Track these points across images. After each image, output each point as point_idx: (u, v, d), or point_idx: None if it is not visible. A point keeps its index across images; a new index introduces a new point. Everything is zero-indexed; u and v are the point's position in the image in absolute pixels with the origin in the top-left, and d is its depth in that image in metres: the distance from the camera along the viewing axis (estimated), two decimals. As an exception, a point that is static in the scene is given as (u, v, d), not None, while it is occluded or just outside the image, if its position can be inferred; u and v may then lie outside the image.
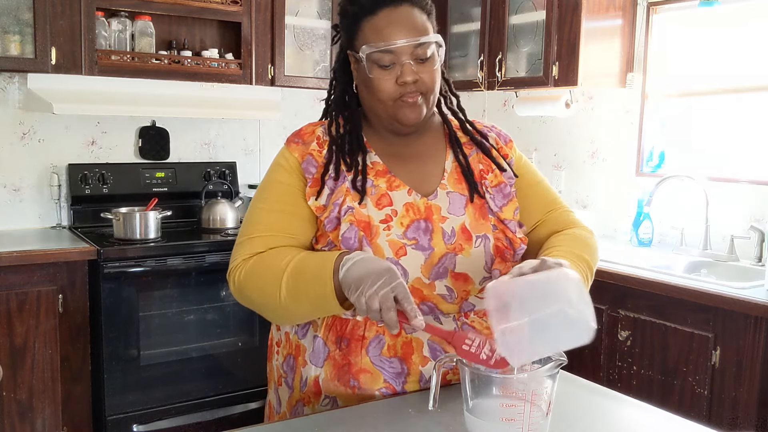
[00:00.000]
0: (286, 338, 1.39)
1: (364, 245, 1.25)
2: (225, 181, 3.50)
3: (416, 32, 1.27)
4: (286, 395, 1.38)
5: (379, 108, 1.31)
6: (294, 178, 1.32)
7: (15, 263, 2.60)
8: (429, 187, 1.34)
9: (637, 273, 2.54)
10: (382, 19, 1.27)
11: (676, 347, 2.38)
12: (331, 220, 1.28)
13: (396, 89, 1.27)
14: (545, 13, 3.14)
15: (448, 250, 1.29)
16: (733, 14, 2.88)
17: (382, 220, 1.28)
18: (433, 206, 1.32)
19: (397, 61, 1.27)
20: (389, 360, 1.28)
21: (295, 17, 3.45)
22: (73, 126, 3.25)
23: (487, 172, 1.38)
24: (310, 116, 3.80)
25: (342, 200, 1.28)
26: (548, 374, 1.05)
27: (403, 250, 1.27)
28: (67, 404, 2.77)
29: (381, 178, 1.32)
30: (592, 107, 3.41)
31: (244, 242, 1.31)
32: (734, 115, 2.92)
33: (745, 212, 2.81)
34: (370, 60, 1.27)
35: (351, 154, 1.32)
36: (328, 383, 1.30)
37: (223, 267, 2.95)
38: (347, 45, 1.35)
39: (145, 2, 3.05)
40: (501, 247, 1.33)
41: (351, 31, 1.32)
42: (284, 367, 1.38)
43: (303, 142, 1.35)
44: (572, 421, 1.18)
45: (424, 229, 1.29)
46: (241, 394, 3.07)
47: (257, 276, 1.26)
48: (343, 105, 1.38)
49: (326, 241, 1.29)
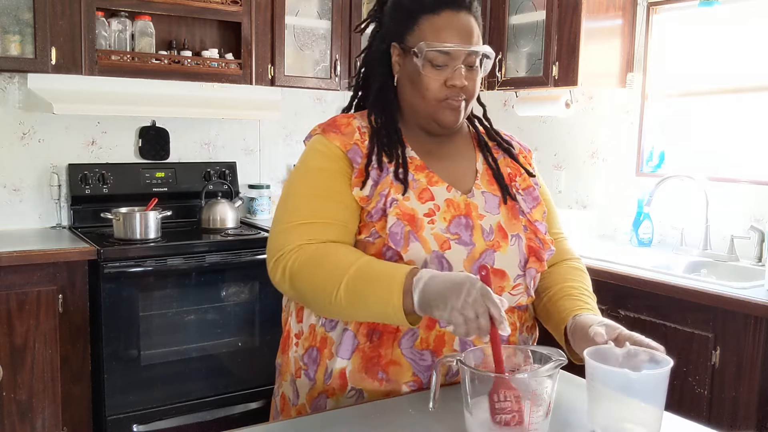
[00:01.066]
0: (310, 330, 1.38)
1: (411, 239, 1.27)
2: (225, 181, 3.50)
3: (472, 40, 1.32)
4: (306, 387, 1.37)
5: (420, 106, 1.34)
6: (338, 165, 1.32)
7: (15, 263, 2.60)
8: (465, 185, 1.38)
9: (637, 273, 2.54)
10: (444, 19, 1.30)
11: (676, 347, 2.38)
12: (377, 211, 1.29)
13: (443, 90, 1.31)
14: (545, 13, 3.14)
15: (488, 246, 1.32)
16: (733, 14, 2.89)
17: (425, 213, 1.30)
18: (471, 204, 1.35)
19: (450, 63, 1.30)
20: (420, 353, 1.29)
21: (295, 17, 3.45)
22: (73, 126, 3.25)
23: (515, 175, 1.44)
24: (310, 116, 3.80)
25: (387, 192, 1.30)
26: (548, 374, 1.05)
27: (447, 244, 1.29)
28: (67, 404, 2.77)
29: (420, 173, 1.35)
30: (592, 107, 3.41)
31: (296, 227, 1.29)
32: (734, 115, 2.91)
33: (745, 212, 2.81)
34: (426, 57, 1.30)
35: (391, 146, 1.34)
36: (355, 375, 1.30)
37: (224, 267, 3.01)
38: (395, 37, 1.36)
39: (145, 2, 3.05)
40: (534, 247, 1.37)
41: (406, 24, 1.33)
42: (305, 359, 1.37)
43: (341, 132, 1.36)
44: (572, 421, 1.18)
45: (465, 225, 1.32)
46: (241, 394, 3.07)
47: (316, 268, 1.24)
48: (381, 98, 1.39)
49: (370, 232, 1.30)
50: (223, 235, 3.15)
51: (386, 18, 1.39)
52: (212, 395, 3.01)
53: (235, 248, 3.04)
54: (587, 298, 1.40)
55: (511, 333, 1.34)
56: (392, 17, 1.37)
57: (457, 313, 1.10)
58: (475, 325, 1.10)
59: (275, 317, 3.13)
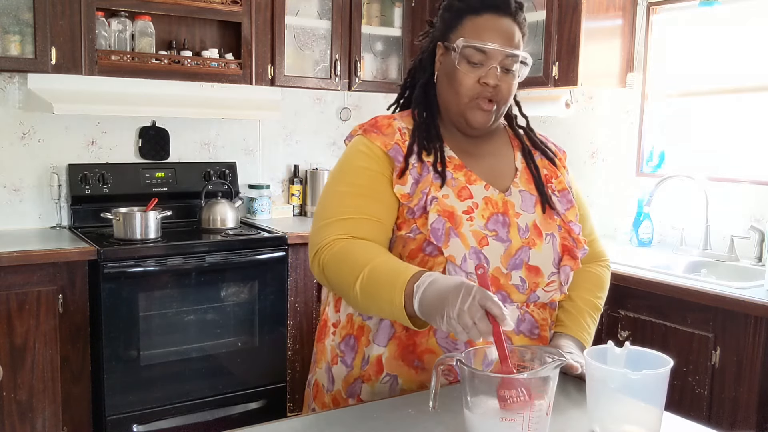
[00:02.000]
0: (347, 319, 1.42)
1: (451, 235, 1.30)
2: (225, 181, 3.50)
3: (511, 44, 1.36)
4: (342, 373, 1.41)
5: (452, 102, 1.38)
6: (379, 165, 1.36)
7: (15, 263, 2.60)
8: (503, 183, 1.42)
9: (637, 273, 2.54)
10: (485, 20, 1.36)
11: (676, 347, 2.38)
12: (419, 208, 1.33)
13: (475, 88, 1.35)
14: (545, 13, 3.14)
15: (524, 243, 1.36)
16: (733, 14, 2.89)
17: (464, 210, 1.34)
18: (508, 202, 1.39)
19: (485, 62, 1.34)
20: (455, 342, 1.32)
21: (295, 17, 3.45)
22: (73, 126, 3.25)
23: (551, 177, 1.48)
24: (310, 116, 3.81)
25: (428, 190, 1.34)
26: (548, 374, 1.05)
27: (485, 241, 1.32)
28: (67, 404, 2.77)
29: (459, 171, 1.38)
30: (592, 107, 3.41)
31: (334, 223, 1.33)
32: (734, 115, 2.92)
33: (745, 212, 2.81)
34: (462, 54, 1.35)
35: (430, 140, 1.39)
36: (391, 361, 1.34)
37: (224, 267, 3.01)
38: (441, 37, 1.41)
39: (145, 2, 3.05)
40: (568, 246, 1.40)
41: (451, 24, 1.39)
42: (342, 347, 1.42)
43: (382, 132, 1.39)
44: (572, 421, 1.18)
45: (502, 223, 1.36)
46: (241, 394, 3.07)
47: (340, 263, 1.29)
48: (424, 95, 1.45)
49: (410, 228, 1.34)
50: (223, 235, 3.15)
51: (437, 20, 1.45)
52: (212, 395, 3.01)
53: (235, 248, 3.04)
54: (582, 319, 1.47)
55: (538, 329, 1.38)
56: (441, 18, 1.43)
57: (454, 322, 1.11)
58: (474, 332, 1.10)
59: (275, 317, 3.16)
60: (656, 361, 1.12)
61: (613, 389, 1.09)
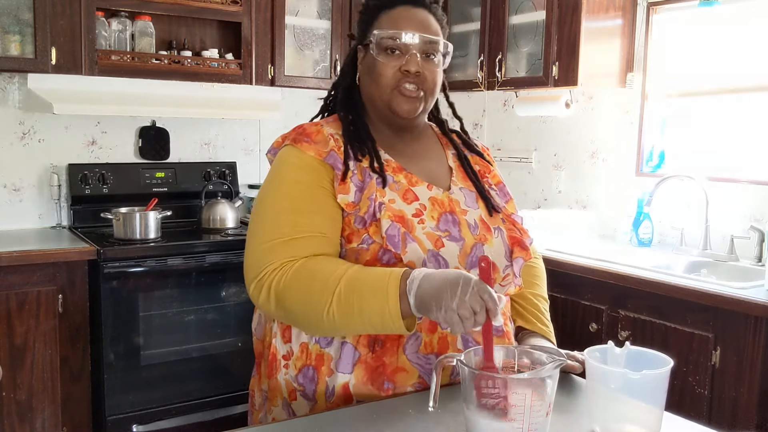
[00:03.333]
0: (301, 349, 1.33)
1: (407, 240, 1.26)
2: (225, 181, 3.50)
3: (428, 31, 1.34)
4: (305, 408, 1.32)
5: (376, 94, 1.36)
6: (315, 176, 1.30)
7: (15, 263, 2.60)
8: (443, 182, 1.40)
9: (637, 273, 2.53)
10: (399, 12, 1.36)
11: (676, 347, 2.38)
12: (369, 216, 1.27)
13: (397, 76, 1.32)
14: (545, 13, 3.14)
15: (476, 240, 1.34)
16: (733, 14, 2.88)
17: (414, 213, 1.30)
18: (453, 200, 1.37)
19: (404, 50, 1.32)
20: (426, 357, 1.28)
21: (295, 17, 3.45)
22: (73, 126, 3.26)
23: (485, 171, 1.46)
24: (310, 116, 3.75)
25: (375, 196, 1.28)
26: (548, 374, 1.05)
27: (440, 242, 1.29)
28: (67, 404, 2.76)
29: (398, 174, 1.35)
30: (592, 107, 3.41)
31: (277, 246, 1.25)
32: (734, 115, 2.91)
33: (745, 212, 2.81)
34: (379, 45, 1.33)
35: (361, 140, 1.35)
36: (360, 387, 1.27)
37: (224, 267, 3.01)
38: (360, 39, 1.41)
39: (145, 2, 3.05)
40: (516, 237, 1.39)
41: (367, 23, 1.39)
42: (300, 380, 1.32)
43: (313, 141, 1.34)
44: (572, 421, 1.18)
45: (452, 221, 1.33)
46: (242, 394, 3.06)
47: (303, 286, 1.21)
48: (348, 98, 1.42)
49: (361, 238, 1.27)
50: (223, 235, 3.15)
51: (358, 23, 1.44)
52: (212, 395, 3.01)
53: (235, 248, 3.04)
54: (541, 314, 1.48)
55: (504, 323, 1.37)
56: (359, 23, 1.42)
57: (452, 313, 1.10)
58: (471, 322, 1.10)
59: (275, 317, 3.15)
60: (656, 361, 1.12)
61: (613, 389, 1.09)
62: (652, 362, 1.12)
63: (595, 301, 2.66)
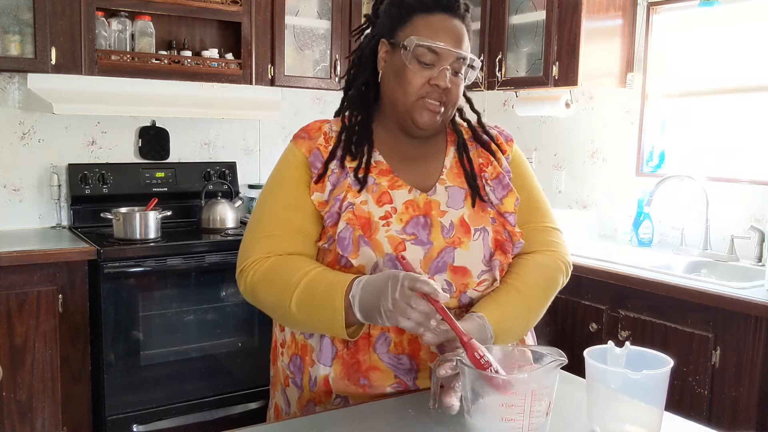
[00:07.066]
0: (291, 338, 1.38)
1: (360, 244, 1.26)
2: (225, 181, 3.50)
3: (461, 46, 1.31)
4: (295, 395, 1.36)
5: (400, 100, 1.32)
6: (301, 173, 1.33)
7: (15, 263, 2.60)
8: (428, 183, 1.37)
9: (637, 273, 2.54)
10: (437, 20, 1.30)
11: (676, 347, 2.38)
12: (331, 215, 1.29)
13: (424, 88, 1.29)
14: (545, 13, 3.14)
15: (447, 244, 1.31)
16: (732, 14, 2.88)
17: (381, 216, 1.29)
18: (432, 201, 1.34)
19: (436, 63, 1.29)
20: (398, 357, 1.28)
21: (295, 17, 3.45)
22: (73, 126, 3.25)
23: (486, 165, 1.40)
24: (310, 116, 3.80)
25: (343, 196, 1.29)
26: (548, 374, 1.05)
27: (402, 246, 1.28)
28: (67, 404, 2.76)
29: (384, 177, 1.34)
30: (592, 107, 3.41)
31: (261, 240, 1.32)
32: (734, 115, 2.91)
33: (745, 212, 2.81)
34: (414, 53, 1.28)
35: (358, 144, 1.34)
36: (338, 382, 1.30)
37: (224, 267, 3.00)
38: (385, 33, 1.35)
39: (145, 2, 3.05)
40: (500, 240, 1.34)
41: (398, 20, 1.32)
42: (291, 368, 1.37)
43: (309, 137, 1.36)
44: (572, 421, 1.18)
45: (423, 224, 1.31)
46: (241, 394, 3.07)
47: (270, 283, 1.27)
48: (362, 96, 1.39)
49: (327, 238, 1.30)
50: (223, 235, 3.15)
51: (380, 16, 1.38)
52: (212, 395, 3.01)
53: (235, 248, 2.98)
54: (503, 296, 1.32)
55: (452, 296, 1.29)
56: (387, 13, 1.35)
57: (392, 315, 1.11)
58: (416, 315, 1.11)
59: (275, 317, 3.15)
60: (656, 361, 1.12)
61: (613, 389, 1.09)
62: (652, 362, 1.12)
63: (595, 301, 2.66)
